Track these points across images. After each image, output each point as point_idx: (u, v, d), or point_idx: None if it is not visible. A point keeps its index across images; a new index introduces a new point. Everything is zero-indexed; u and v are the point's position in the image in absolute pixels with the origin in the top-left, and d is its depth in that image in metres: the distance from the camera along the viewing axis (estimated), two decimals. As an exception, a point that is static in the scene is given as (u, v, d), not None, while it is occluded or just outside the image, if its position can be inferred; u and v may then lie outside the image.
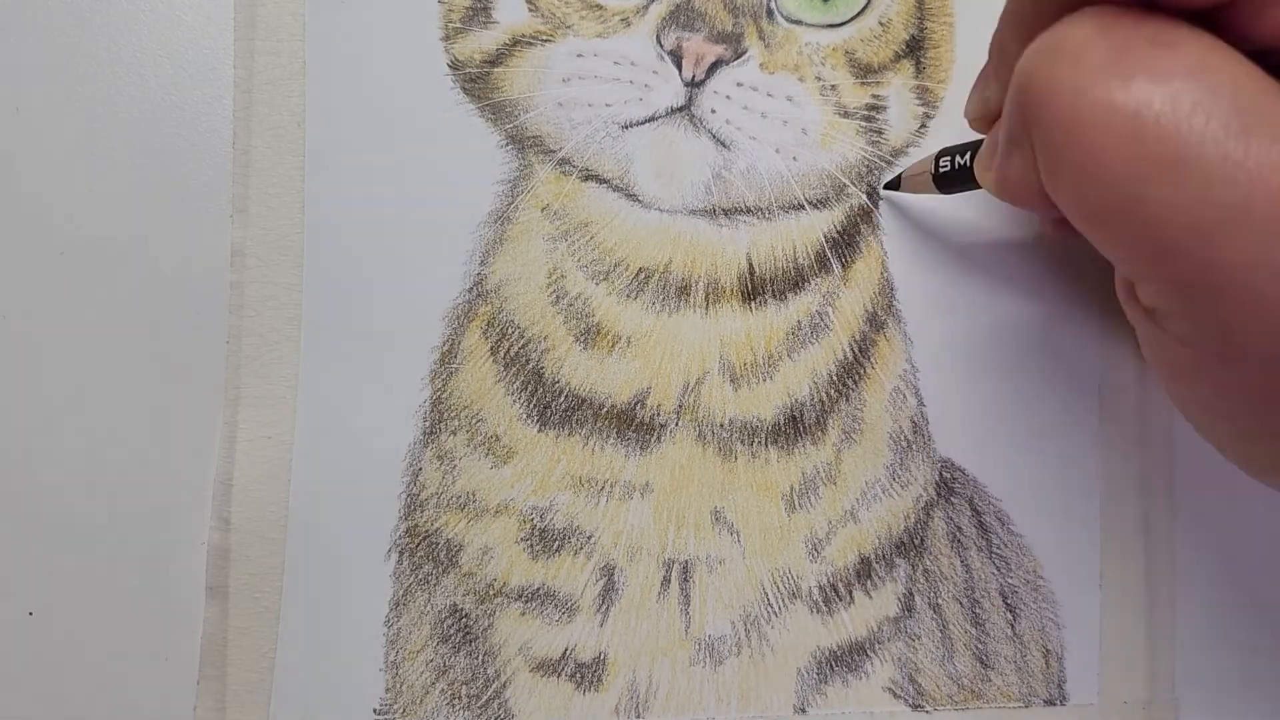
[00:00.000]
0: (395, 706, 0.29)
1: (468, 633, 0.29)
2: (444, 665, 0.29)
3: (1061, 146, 0.18)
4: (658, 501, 0.30)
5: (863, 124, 0.31)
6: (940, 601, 0.30)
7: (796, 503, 0.30)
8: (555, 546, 0.30)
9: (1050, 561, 0.30)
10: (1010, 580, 0.30)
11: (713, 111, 0.30)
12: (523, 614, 0.29)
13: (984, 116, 0.25)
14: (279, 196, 0.30)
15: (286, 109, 0.31)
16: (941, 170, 0.28)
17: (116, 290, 0.30)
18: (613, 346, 0.30)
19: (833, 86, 0.31)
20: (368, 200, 0.30)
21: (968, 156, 0.27)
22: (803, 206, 0.31)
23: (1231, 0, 0.18)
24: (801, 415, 0.30)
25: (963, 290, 0.31)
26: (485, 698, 0.29)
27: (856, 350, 0.31)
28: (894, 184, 0.31)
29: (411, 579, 0.29)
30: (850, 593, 0.30)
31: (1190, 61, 0.17)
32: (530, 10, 0.31)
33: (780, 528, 0.30)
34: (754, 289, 0.31)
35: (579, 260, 0.31)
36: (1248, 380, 0.18)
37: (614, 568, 0.30)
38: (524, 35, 0.31)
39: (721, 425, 0.30)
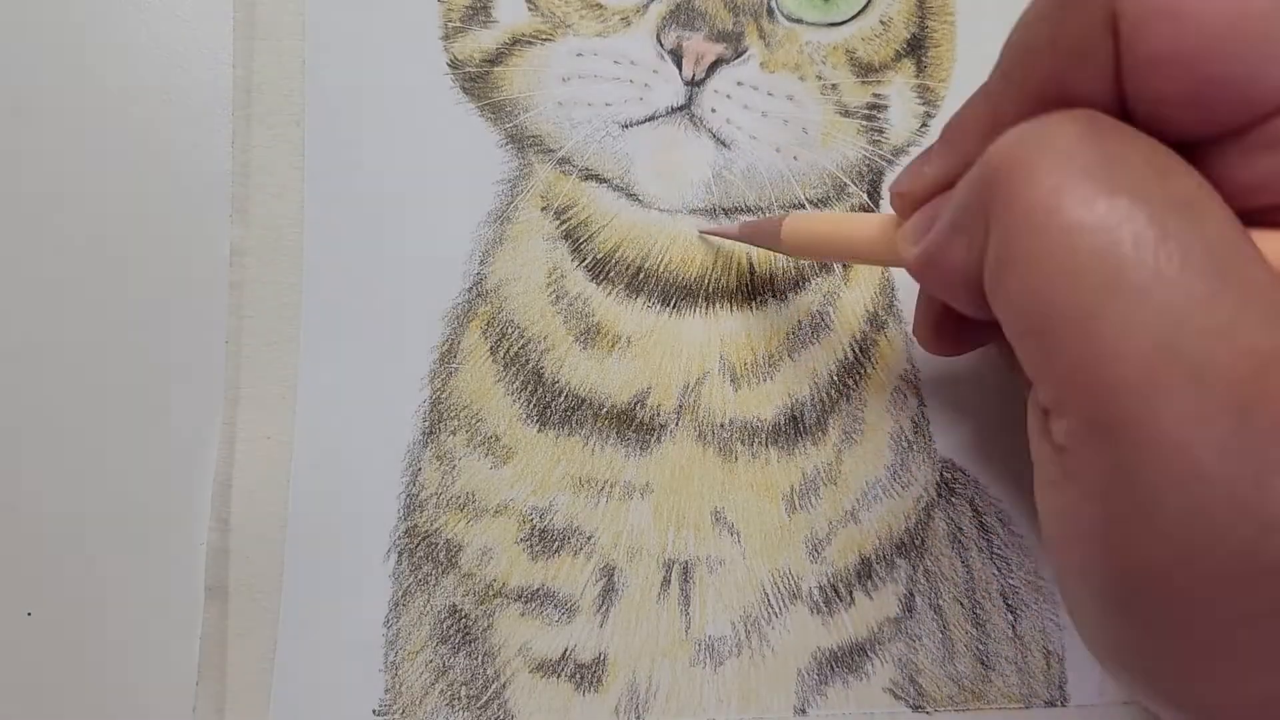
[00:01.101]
0: (395, 707, 0.29)
1: (467, 633, 0.29)
2: (443, 666, 0.29)
3: (1025, 242, 0.17)
4: (658, 502, 0.30)
5: (864, 123, 0.31)
6: (941, 602, 0.30)
7: (797, 503, 0.30)
8: (555, 547, 0.30)
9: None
10: (1011, 581, 0.30)
11: (713, 111, 0.30)
12: (522, 614, 0.29)
13: (910, 193, 0.22)
14: (279, 196, 0.30)
15: (286, 108, 0.30)
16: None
17: (116, 290, 0.30)
18: (613, 346, 0.30)
19: (833, 85, 0.31)
20: (368, 200, 0.30)
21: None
22: (803, 206, 0.31)
23: (1218, 141, 0.17)
24: (802, 415, 0.30)
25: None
26: (485, 698, 0.29)
27: (857, 350, 0.31)
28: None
29: (411, 579, 0.29)
30: (851, 593, 0.30)
31: (1182, 195, 0.16)
32: (530, 9, 0.31)
33: (781, 528, 0.30)
34: (754, 288, 0.31)
35: (579, 260, 0.31)
36: (1143, 558, 0.16)
37: (614, 568, 0.30)
38: (524, 34, 0.31)
39: (722, 425, 0.30)
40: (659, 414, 0.30)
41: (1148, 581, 0.16)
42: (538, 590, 0.29)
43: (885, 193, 0.31)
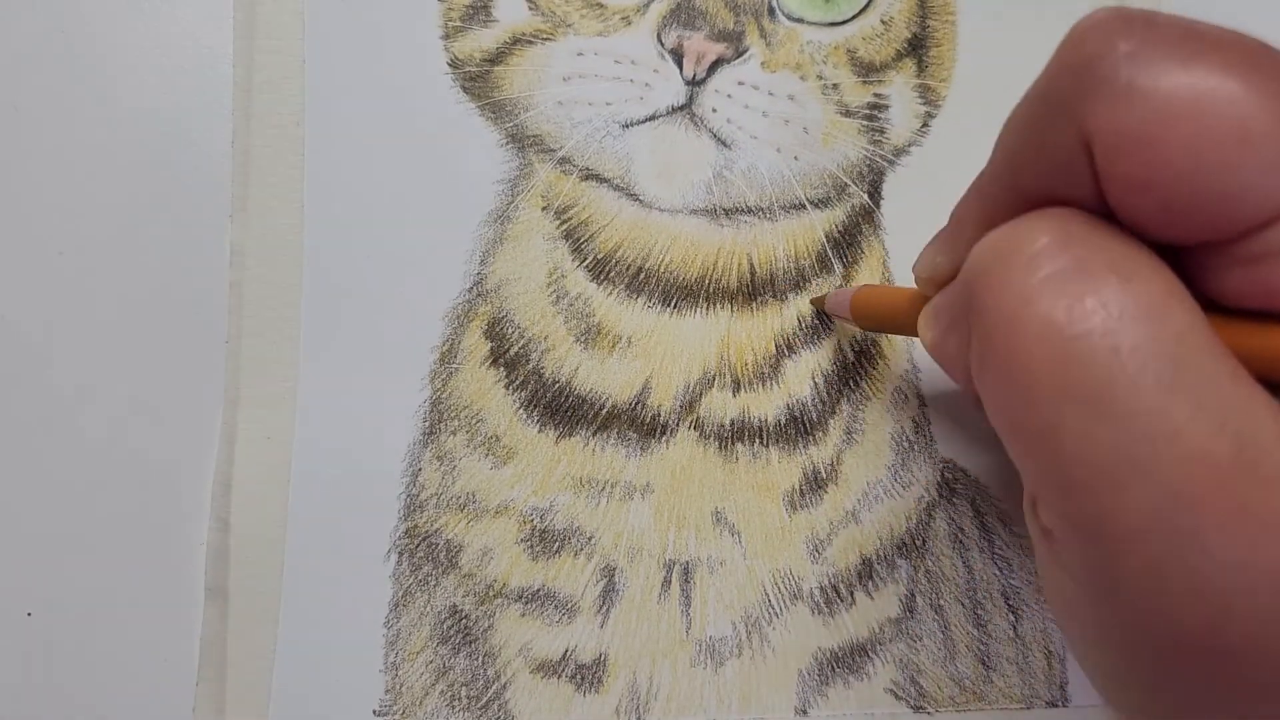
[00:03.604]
0: (395, 708, 0.29)
1: (468, 634, 0.29)
2: (444, 666, 0.29)
3: (994, 350, 0.17)
4: (658, 502, 0.30)
5: (865, 123, 0.31)
6: (942, 603, 0.30)
7: (797, 503, 0.30)
8: (555, 547, 0.29)
9: (1053, 562, 0.30)
10: (1012, 581, 0.30)
11: (714, 110, 0.30)
12: (523, 615, 0.29)
13: (931, 279, 0.23)
14: (279, 196, 0.30)
15: (286, 108, 0.30)
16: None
17: (116, 290, 0.30)
18: (613, 347, 0.30)
19: (834, 85, 0.31)
20: (368, 200, 0.30)
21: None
22: (804, 206, 0.31)
23: (1202, 247, 0.18)
24: (803, 415, 0.30)
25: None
26: (485, 699, 0.29)
27: (858, 350, 0.31)
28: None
29: (411, 580, 0.29)
30: (852, 594, 0.30)
31: (1144, 301, 0.16)
32: (530, 9, 0.31)
33: (781, 528, 0.30)
34: (755, 289, 0.31)
35: (579, 260, 0.30)
36: (1123, 633, 0.17)
37: (614, 569, 0.29)
38: (524, 34, 0.31)
39: (722, 425, 0.30)
40: (660, 414, 0.30)
41: (1128, 655, 0.17)
42: (538, 591, 0.29)
43: (886, 194, 0.31)
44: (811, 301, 0.31)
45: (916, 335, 0.25)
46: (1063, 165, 0.18)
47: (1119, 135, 0.17)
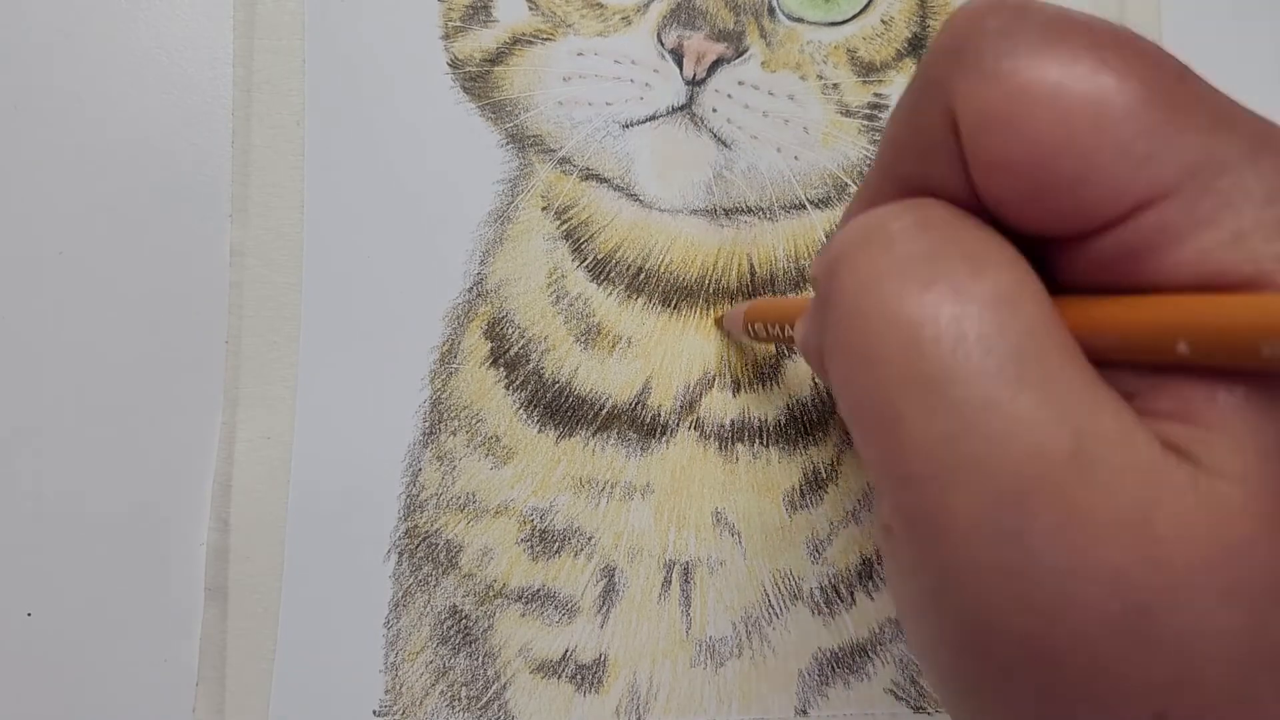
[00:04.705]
0: (395, 708, 0.29)
1: (468, 634, 0.29)
2: (444, 667, 0.29)
3: (842, 332, 0.17)
4: (658, 502, 0.30)
5: (865, 123, 0.31)
6: (942, 603, 0.30)
7: (798, 503, 0.30)
8: (555, 548, 0.29)
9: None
10: (1013, 582, 0.30)
11: (714, 110, 0.30)
12: (523, 615, 0.29)
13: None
14: (279, 196, 0.30)
15: (286, 108, 0.30)
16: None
17: (116, 290, 0.30)
18: (613, 347, 0.30)
19: (834, 85, 0.31)
20: (368, 200, 0.30)
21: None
22: (804, 206, 0.31)
23: (1066, 243, 0.17)
24: (803, 416, 0.30)
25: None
26: (485, 699, 0.29)
27: (858, 350, 0.31)
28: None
29: (411, 580, 0.29)
30: (852, 594, 0.30)
31: (995, 290, 0.16)
32: (530, 9, 0.31)
33: (781, 529, 0.30)
34: (755, 289, 0.31)
35: (579, 260, 0.30)
36: (955, 634, 0.17)
37: (614, 569, 0.29)
38: (524, 34, 0.31)
39: (723, 426, 0.30)
40: (660, 414, 0.30)
41: (960, 659, 0.17)
42: (538, 591, 0.29)
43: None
44: (715, 321, 0.30)
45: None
46: (932, 147, 0.18)
47: (982, 114, 0.17)
